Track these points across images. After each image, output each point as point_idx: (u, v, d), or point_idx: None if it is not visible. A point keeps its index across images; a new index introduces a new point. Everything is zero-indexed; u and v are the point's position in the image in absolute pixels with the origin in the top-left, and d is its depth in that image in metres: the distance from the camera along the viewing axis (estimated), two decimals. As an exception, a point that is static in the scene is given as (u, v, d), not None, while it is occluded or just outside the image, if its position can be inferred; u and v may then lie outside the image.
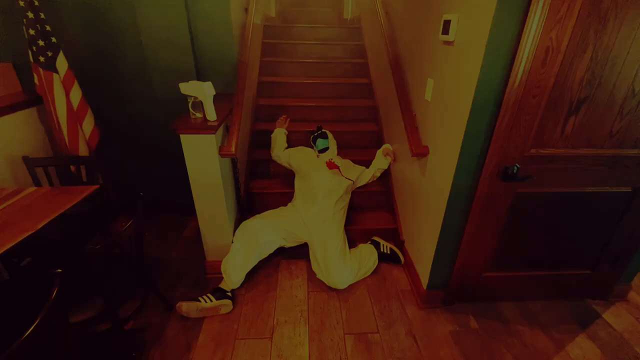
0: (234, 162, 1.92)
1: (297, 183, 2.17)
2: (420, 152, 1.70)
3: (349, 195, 2.19)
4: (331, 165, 2.13)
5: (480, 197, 1.48)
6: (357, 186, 2.32)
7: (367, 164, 2.36)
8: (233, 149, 1.60)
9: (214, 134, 1.55)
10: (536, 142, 1.38)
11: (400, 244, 2.13)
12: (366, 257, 1.99)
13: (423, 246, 1.78)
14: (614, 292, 1.87)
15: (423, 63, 1.77)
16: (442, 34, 1.47)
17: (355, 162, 2.40)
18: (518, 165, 1.40)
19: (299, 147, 2.33)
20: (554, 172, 1.45)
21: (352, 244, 2.12)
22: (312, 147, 2.33)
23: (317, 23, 4.01)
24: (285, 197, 2.24)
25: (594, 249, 1.72)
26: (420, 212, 1.82)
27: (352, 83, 3.03)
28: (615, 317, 1.78)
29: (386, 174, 2.42)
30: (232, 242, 1.80)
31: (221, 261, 1.80)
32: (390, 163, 2.30)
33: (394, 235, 2.22)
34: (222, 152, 1.60)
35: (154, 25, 1.92)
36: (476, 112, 1.29)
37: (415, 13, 1.87)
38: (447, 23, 1.44)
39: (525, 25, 1.14)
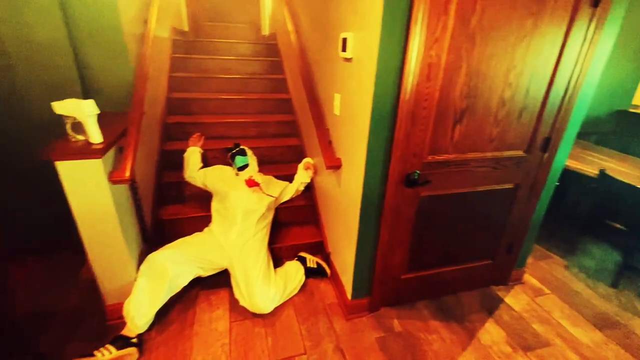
0: (133, 188, 1.71)
1: (214, 205, 2.03)
2: (333, 164, 1.73)
3: (272, 213, 2.12)
4: (251, 183, 2.04)
5: (389, 204, 1.54)
6: (281, 202, 2.26)
7: (291, 178, 2.33)
8: (127, 173, 1.41)
9: (100, 158, 1.35)
10: (431, 149, 1.50)
11: (326, 256, 2.12)
12: (292, 275, 1.93)
13: (345, 256, 1.79)
14: (512, 277, 2.11)
15: (330, 78, 1.82)
16: (342, 51, 1.53)
17: (279, 177, 2.35)
18: (419, 172, 1.50)
19: (216, 165, 2.20)
20: (449, 175, 1.59)
21: (278, 262, 2.05)
22: (230, 165, 2.22)
23: (235, 38, 3.94)
24: (203, 222, 2.07)
25: (491, 241, 1.92)
26: (340, 222, 1.84)
27: (273, 98, 3.01)
28: (514, 299, 2.00)
29: (310, 188, 2.42)
30: (135, 280, 1.58)
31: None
32: (312, 176, 2.31)
33: (321, 248, 2.21)
34: (113, 178, 1.40)
35: (24, 43, 1.65)
36: (376, 124, 1.35)
37: (320, 31, 1.92)
38: (344, 41, 1.50)
39: (408, 44, 1.23)
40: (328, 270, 2.05)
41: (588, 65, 1.53)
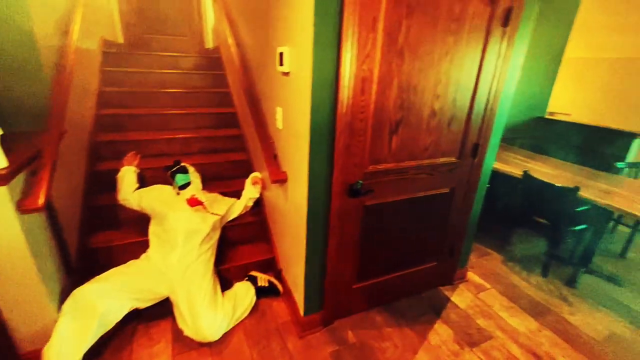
0: (52, 216, 1.52)
1: (152, 228, 1.88)
2: (278, 178, 1.70)
3: (218, 232, 2.01)
4: (194, 202, 1.93)
5: (335, 215, 1.55)
6: (229, 220, 2.17)
7: (239, 194, 2.25)
8: (41, 200, 1.25)
9: (5, 185, 1.18)
10: (371, 159, 1.54)
11: (278, 273, 2.06)
12: (242, 296, 1.84)
13: (296, 272, 1.75)
14: (457, 276, 2.23)
15: (271, 92, 1.80)
16: (279, 65, 1.53)
17: (226, 194, 2.26)
18: (361, 181, 1.53)
19: (154, 185, 2.05)
20: (390, 184, 1.64)
21: (227, 285, 1.94)
22: (171, 184, 2.08)
23: (176, 51, 3.78)
24: (140, 248, 1.90)
25: (435, 243, 2.01)
26: (290, 236, 1.81)
27: (217, 113, 2.92)
28: (460, 297, 2.11)
29: (259, 203, 2.36)
30: (57, 320, 1.39)
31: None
32: (260, 191, 2.25)
33: (273, 266, 2.15)
34: (23, 207, 1.23)
35: None
36: (316, 137, 1.35)
37: (260, 44, 1.91)
38: (281, 55, 1.50)
39: (341, 59, 1.27)
40: (280, 288, 1.99)
41: (504, 77, 1.70)
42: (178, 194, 1.98)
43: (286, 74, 1.51)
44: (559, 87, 4.94)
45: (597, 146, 3.34)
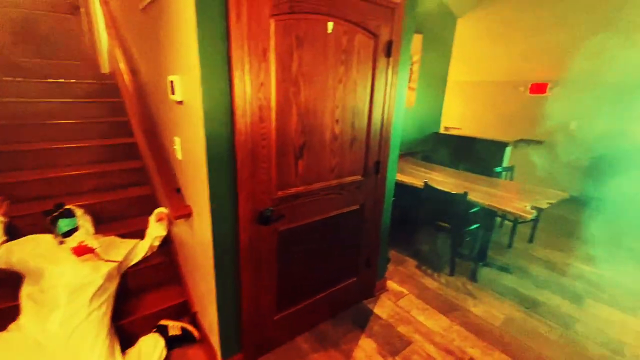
0: None
1: (26, 290, 1.55)
2: (182, 213, 1.57)
3: (116, 282, 1.75)
4: (82, 251, 1.65)
5: (246, 246, 1.48)
6: (131, 264, 1.91)
7: (143, 234, 2.01)
8: None
9: None
10: (280, 184, 1.54)
11: (193, 317, 1.88)
12: (148, 353, 1.61)
13: (210, 313, 1.61)
14: (377, 287, 2.32)
15: (169, 121, 1.69)
16: (171, 94, 1.45)
17: (129, 234, 2.00)
18: (271, 208, 1.51)
19: (29, 236, 1.71)
20: (302, 207, 1.65)
21: (132, 341, 1.68)
22: (51, 232, 1.76)
23: (66, 77, 3.32)
24: (6, 317, 1.54)
25: (352, 259, 2.08)
26: (200, 275, 1.67)
27: (115, 144, 2.62)
28: (381, 308, 2.19)
29: (168, 241, 2.14)
30: None
31: None
32: (167, 228, 2.05)
33: (187, 309, 1.95)
34: None
35: None
36: (215, 167, 1.30)
37: (154, 71, 1.80)
38: (172, 83, 1.42)
39: (234, 88, 1.25)
40: (196, 333, 1.81)
41: (393, 101, 1.89)
42: (61, 242, 1.69)
43: (180, 102, 1.43)
44: (448, 106, 5.76)
45: (481, 155, 3.94)
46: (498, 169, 3.36)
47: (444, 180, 2.93)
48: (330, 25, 1.48)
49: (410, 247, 3.04)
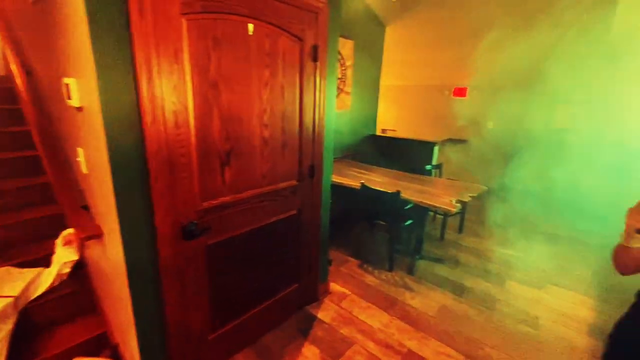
0: None
1: None
2: (89, 234, 1.39)
3: (12, 320, 1.48)
4: (-40, 289, 1.36)
5: (168, 264, 1.35)
6: (34, 297, 1.63)
7: (49, 261, 1.73)
8: None
9: None
10: (205, 195, 1.43)
11: (114, 350, 1.66)
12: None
13: (131, 343, 1.44)
14: (320, 291, 2.31)
15: (71, 130, 1.49)
16: (67, 99, 1.27)
17: (29, 263, 1.71)
18: (196, 221, 1.40)
19: None
20: (233, 216, 1.57)
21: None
22: None
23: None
24: None
25: (292, 265, 2.04)
26: (117, 301, 1.48)
27: (12, 158, 2.23)
28: (325, 312, 2.18)
29: (82, 266, 1.88)
30: None
31: None
32: (78, 252, 1.79)
33: (107, 342, 1.72)
34: None
35: None
36: (122, 178, 1.16)
37: (50, 74, 1.57)
38: (68, 87, 1.24)
39: (141, 92, 1.13)
40: (118, 367, 1.61)
41: (324, 105, 1.90)
42: None
43: (79, 109, 1.26)
44: (384, 109, 6.06)
45: (414, 154, 4.19)
46: (428, 167, 3.60)
47: (380, 180, 3.05)
48: (250, 27, 1.43)
49: (352, 247, 3.10)
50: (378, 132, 5.14)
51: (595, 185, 3.79)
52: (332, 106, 1.99)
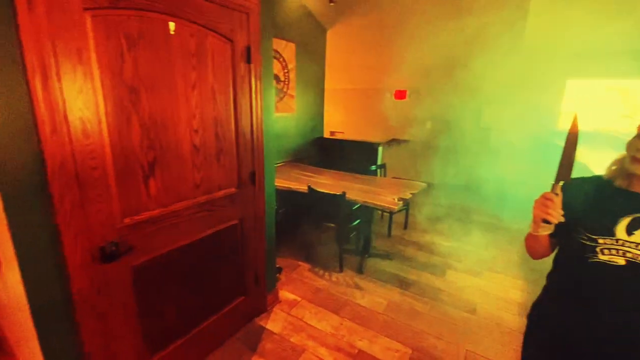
0: None
1: None
2: (-21, 266, 1.16)
3: None
4: None
5: (83, 294, 1.19)
6: None
7: None
8: None
9: None
10: (126, 210, 1.29)
11: (24, 396, 1.42)
12: None
13: (44, 388, 1.24)
14: (269, 301, 2.23)
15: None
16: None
17: None
18: (116, 241, 1.25)
19: None
20: (162, 232, 1.44)
21: None
22: None
23: None
24: None
25: (237, 277, 1.94)
26: (25, 342, 1.27)
27: None
28: (274, 322, 2.11)
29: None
30: None
31: None
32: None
33: (14, 388, 1.47)
34: None
35: None
36: (16, 199, 0.98)
37: None
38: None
39: (35, 97, 0.98)
40: (28, 417, 1.37)
41: (261, 108, 1.84)
42: None
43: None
44: (331, 111, 6.15)
45: (360, 155, 4.30)
46: (373, 167, 3.71)
47: (328, 183, 3.06)
48: (171, 25, 1.32)
49: (302, 251, 3.07)
50: (326, 135, 5.20)
51: (518, 179, 4.22)
52: (270, 109, 1.94)
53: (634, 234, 0.81)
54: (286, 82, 3.55)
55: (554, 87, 4.29)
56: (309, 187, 2.70)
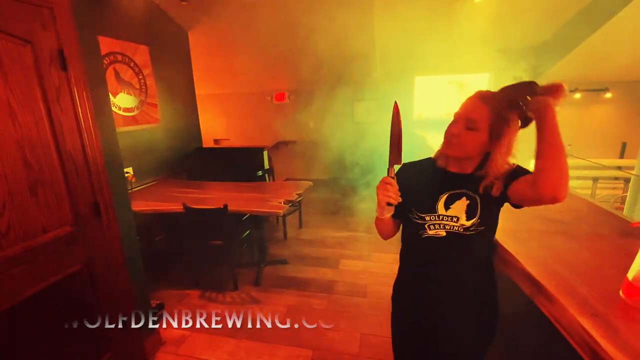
0: None
1: None
2: None
3: None
4: None
5: None
6: None
7: None
8: None
9: None
10: None
11: None
12: None
13: None
14: (149, 346, 1.90)
15: None
16: None
17: None
18: None
19: None
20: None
21: None
22: None
23: None
24: None
25: (94, 334, 1.57)
26: None
27: None
28: (158, 370, 1.81)
29: None
30: None
31: None
32: None
33: None
34: None
35: None
36: None
37: None
38: None
39: None
40: None
41: (93, 125, 1.51)
42: None
43: None
44: (210, 119, 5.77)
45: (245, 162, 4.14)
46: (259, 173, 3.62)
47: (212, 197, 2.82)
48: None
49: (190, 278, 2.74)
50: (207, 144, 4.84)
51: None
52: (111, 124, 1.63)
53: (450, 208, 0.93)
54: (143, 90, 3.11)
55: (407, 83, 5.01)
56: (184, 205, 2.42)
